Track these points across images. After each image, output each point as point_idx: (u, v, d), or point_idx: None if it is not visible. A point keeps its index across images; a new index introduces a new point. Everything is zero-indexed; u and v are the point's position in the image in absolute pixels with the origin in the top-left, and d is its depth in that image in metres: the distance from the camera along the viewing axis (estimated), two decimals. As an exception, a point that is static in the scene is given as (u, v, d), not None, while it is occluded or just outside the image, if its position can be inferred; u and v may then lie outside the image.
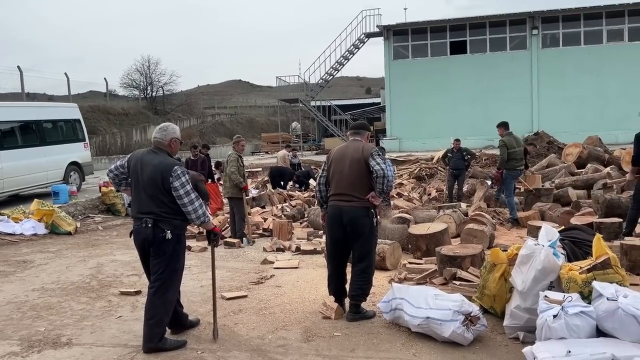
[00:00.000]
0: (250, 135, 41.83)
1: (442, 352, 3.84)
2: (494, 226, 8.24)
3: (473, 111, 25.53)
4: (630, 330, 3.11)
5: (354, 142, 4.79)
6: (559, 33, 25.57)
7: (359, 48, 28.45)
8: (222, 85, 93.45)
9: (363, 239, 4.57)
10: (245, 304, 5.17)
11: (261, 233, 8.86)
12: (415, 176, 17.92)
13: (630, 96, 23.50)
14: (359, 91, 78.17)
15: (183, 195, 3.90)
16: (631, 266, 5.55)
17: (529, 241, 4.01)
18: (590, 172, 11.78)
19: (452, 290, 4.87)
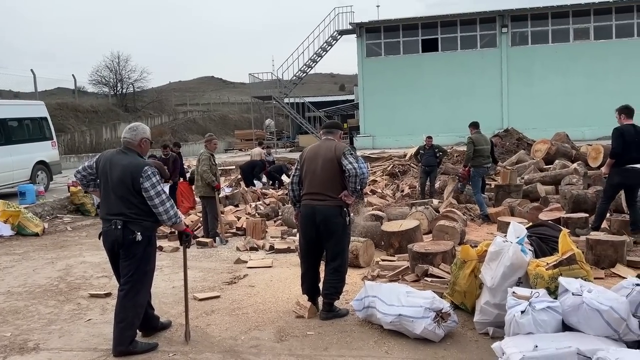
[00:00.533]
0: (224, 133, 41.51)
1: (414, 348, 3.88)
2: (464, 222, 8.37)
3: (445, 108, 25.85)
4: (594, 324, 3.20)
5: (326, 141, 4.80)
6: (527, 31, 26.07)
7: (332, 45, 28.48)
8: (194, 82, 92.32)
9: (336, 238, 4.59)
10: (218, 304, 5.14)
11: (234, 232, 8.80)
12: (388, 173, 18.05)
13: (596, 93, 24.13)
14: (333, 88, 78.25)
15: (154, 196, 3.85)
16: (596, 260, 5.71)
17: (497, 238, 4.08)
18: (558, 168, 12.05)
19: (423, 287, 4.94)
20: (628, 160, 6.63)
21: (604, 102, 22.89)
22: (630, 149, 6.60)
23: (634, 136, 6.61)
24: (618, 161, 6.74)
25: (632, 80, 24.37)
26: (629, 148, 6.60)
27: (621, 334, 3.18)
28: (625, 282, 3.49)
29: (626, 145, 6.60)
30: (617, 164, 6.77)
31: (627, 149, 6.61)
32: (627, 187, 6.94)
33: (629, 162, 6.63)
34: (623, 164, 6.68)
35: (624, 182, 6.83)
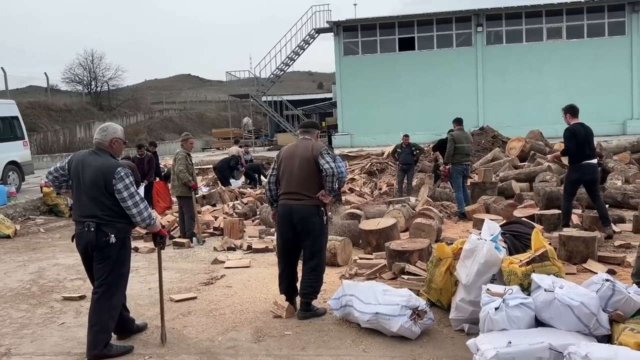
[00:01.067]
0: (201, 131, 41.18)
1: (391, 346, 3.91)
2: (441, 220, 8.46)
3: (422, 107, 26.08)
4: (565, 319, 3.27)
5: (303, 140, 4.80)
6: (502, 30, 26.45)
7: (309, 43, 28.46)
8: (170, 80, 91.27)
9: (313, 237, 4.59)
10: (195, 305, 5.10)
11: (212, 232, 8.73)
12: (366, 171, 18.15)
13: (569, 91, 24.59)
14: (311, 86, 78.21)
15: (127, 198, 3.79)
16: (569, 256, 5.82)
17: (472, 236, 4.14)
18: (533, 166, 12.26)
19: (400, 284, 4.97)
20: (582, 157, 6.91)
21: (576, 100, 23.18)
22: (583, 147, 6.89)
23: (584, 134, 6.91)
24: (574, 159, 7.01)
25: (602, 79, 24.96)
26: (582, 146, 6.89)
27: (591, 328, 3.26)
28: (596, 277, 3.57)
29: (579, 144, 6.88)
30: (573, 162, 7.04)
31: (581, 147, 6.89)
32: (584, 182, 7.17)
33: (583, 159, 6.92)
34: (579, 161, 6.95)
35: (581, 178, 7.09)
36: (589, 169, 6.98)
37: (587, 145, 6.94)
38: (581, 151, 6.91)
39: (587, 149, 6.93)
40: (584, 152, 6.92)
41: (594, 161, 7.06)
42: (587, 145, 6.95)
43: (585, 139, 6.92)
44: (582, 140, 6.90)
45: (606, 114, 24.39)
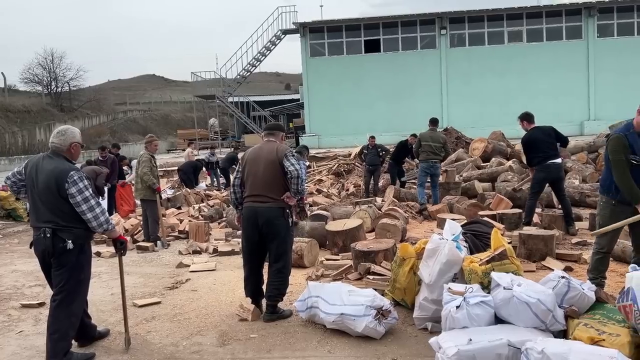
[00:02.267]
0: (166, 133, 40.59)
1: (356, 346, 3.95)
2: (406, 220, 8.57)
3: (388, 108, 26.36)
4: (523, 316, 3.37)
5: (268, 142, 4.79)
6: (465, 33, 26.99)
7: (275, 44, 28.42)
8: (134, 80, 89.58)
9: (279, 240, 4.59)
10: (159, 310, 5.02)
11: (177, 235, 8.62)
12: (333, 172, 18.23)
13: (529, 93, 25.32)
14: (279, 87, 78.04)
15: (81, 202, 3.69)
16: (528, 254, 5.99)
17: (434, 236, 4.22)
18: (495, 166, 12.55)
19: (366, 284, 5.02)
20: (546, 158, 7.16)
21: (536, 101, 24.06)
22: (545, 149, 7.14)
23: (542, 137, 7.18)
24: (538, 160, 7.24)
25: (561, 81, 25.76)
26: (542, 148, 7.15)
27: (548, 324, 3.37)
28: (552, 275, 3.69)
29: (539, 148, 7.16)
30: (538, 163, 7.26)
31: (542, 150, 7.16)
32: (551, 181, 7.43)
33: (547, 159, 7.16)
34: (544, 161, 7.19)
35: (547, 177, 7.34)
36: (554, 168, 7.22)
37: (547, 146, 7.17)
38: (544, 153, 7.15)
39: (549, 149, 7.16)
40: (548, 153, 7.15)
41: (559, 160, 7.29)
42: (549, 145, 7.18)
43: (546, 141, 7.17)
44: (541, 143, 7.16)
45: (565, 115, 25.18)
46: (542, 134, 7.24)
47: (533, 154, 7.32)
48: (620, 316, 3.25)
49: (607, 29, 26.37)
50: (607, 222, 4.37)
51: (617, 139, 4.21)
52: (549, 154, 7.17)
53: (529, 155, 7.45)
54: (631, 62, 25.59)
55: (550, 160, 7.18)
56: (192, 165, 14.80)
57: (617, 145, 4.19)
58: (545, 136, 7.25)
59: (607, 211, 4.39)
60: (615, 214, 4.32)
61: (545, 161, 7.20)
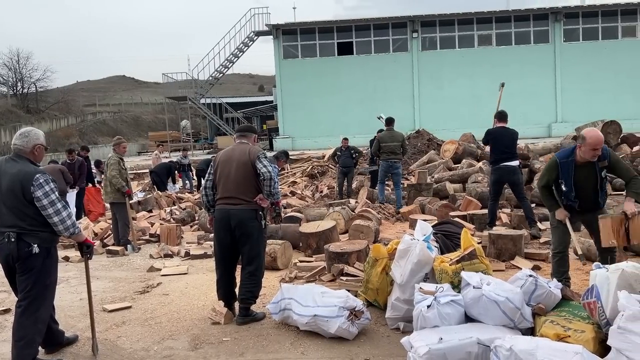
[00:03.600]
0: (137, 134, 39.99)
1: (329, 347, 3.96)
2: (379, 221, 8.63)
3: (361, 110, 26.52)
4: (492, 314, 3.43)
5: (240, 144, 4.77)
6: (436, 37, 27.38)
7: (248, 46, 28.34)
8: (104, 82, 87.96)
9: (251, 242, 4.56)
10: (130, 315, 4.94)
11: (148, 239, 8.49)
12: (307, 174, 18.25)
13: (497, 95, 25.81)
14: (252, 89, 77.73)
15: (47, 206, 3.60)
16: (498, 253, 6.10)
17: (405, 236, 4.26)
18: (465, 167, 12.74)
19: (339, 286, 5.04)
20: (500, 160, 7.29)
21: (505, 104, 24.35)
22: (501, 150, 7.27)
23: (502, 137, 7.29)
24: (493, 161, 7.42)
25: (529, 84, 26.36)
26: (497, 148, 7.29)
27: (516, 322, 3.44)
28: (520, 273, 3.77)
29: (494, 147, 7.32)
30: (492, 164, 7.45)
31: (499, 150, 7.29)
32: (508, 184, 7.53)
33: (501, 161, 7.29)
34: (497, 163, 7.32)
35: (500, 179, 7.45)
36: (506, 171, 7.27)
37: (505, 148, 7.25)
38: (499, 153, 7.27)
39: (504, 151, 7.24)
40: (502, 155, 7.25)
41: (513, 163, 7.29)
42: (506, 147, 7.25)
43: (504, 142, 7.25)
44: (500, 142, 7.26)
45: (533, 117, 25.78)
46: (504, 134, 7.29)
47: (490, 150, 7.48)
48: (585, 313, 3.34)
49: (573, 33, 27.11)
50: (555, 220, 4.59)
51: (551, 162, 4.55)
52: (502, 156, 7.25)
53: (488, 149, 7.61)
54: (596, 65, 26.37)
55: (504, 162, 7.25)
56: (166, 167, 14.61)
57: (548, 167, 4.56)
58: (506, 137, 7.29)
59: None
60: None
61: (497, 163, 7.32)
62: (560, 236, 4.57)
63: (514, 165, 7.29)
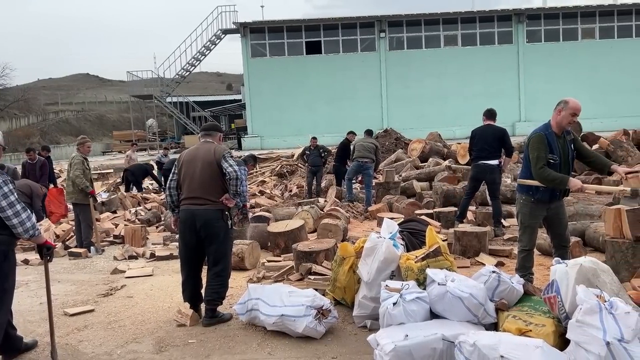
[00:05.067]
0: (101, 134, 39.15)
1: (296, 347, 3.95)
2: (347, 220, 8.67)
3: (330, 109, 26.60)
4: (457, 310, 3.48)
5: (205, 143, 4.71)
6: (403, 37, 27.66)
7: (215, 44, 28.07)
8: (66, 79, 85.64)
9: (218, 242, 4.50)
10: (92, 318, 4.82)
11: (112, 240, 8.30)
12: (276, 173, 18.19)
13: (464, 95, 26.30)
14: (220, 87, 76.95)
15: (6, 207, 3.48)
16: (463, 250, 6.20)
17: (372, 234, 4.29)
18: (432, 166, 12.92)
19: (307, 285, 5.03)
20: (479, 157, 7.41)
21: (471, 103, 25.03)
22: (481, 147, 7.37)
23: (485, 135, 7.38)
24: (473, 158, 7.53)
25: (493, 84, 26.91)
26: (479, 146, 7.39)
27: (480, 317, 3.50)
28: (484, 270, 3.83)
29: (476, 144, 7.42)
30: (473, 160, 7.57)
31: (477, 147, 7.41)
32: (483, 180, 7.64)
33: (479, 159, 7.41)
34: (477, 160, 7.45)
35: (476, 176, 7.56)
36: (483, 168, 7.38)
37: (486, 146, 7.32)
38: (480, 151, 7.37)
39: (485, 149, 7.32)
40: (482, 152, 7.35)
41: (492, 162, 7.33)
42: (487, 145, 7.32)
43: (486, 140, 7.32)
44: (482, 140, 7.34)
45: (498, 116, 26.27)
46: (487, 132, 7.36)
47: (471, 147, 7.59)
48: (546, 307, 3.41)
49: (535, 34, 27.80)
50: (527, 220, 4.58)
51: (538, 137, 4.40)
52: (482, 154, 7.34)
53: (469, 148, 7.71)
54: (557, 66, 27.11)
55: (482, 160, 7.35)
56: (144, 169, 14.43)
57: (538, 142, 4.37)
58: (489, 135, 7.33)
59: (527, 209, 4.55)
60: (534, 212, 4.52)
61: (477, 160, 7.44)
62: (531, 235, 4.61)
63: (493, 164, 7.33)
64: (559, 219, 4.57)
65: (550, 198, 4.45)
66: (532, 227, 4.59)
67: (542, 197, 4.43)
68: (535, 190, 4.45)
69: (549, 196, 4.44)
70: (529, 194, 4.52)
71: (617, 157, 11.38)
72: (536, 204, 4.49)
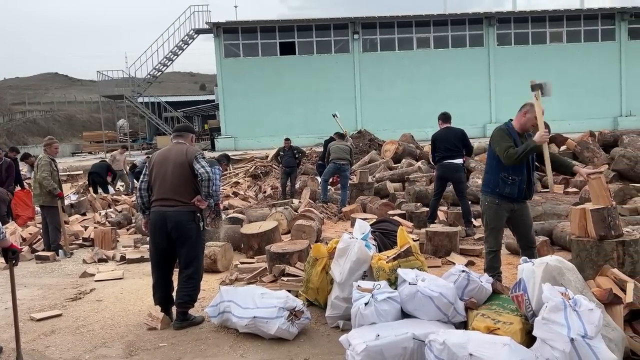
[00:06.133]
0: (70, 134, 38.35)
1: (269, 349, 3.94)
2: (321, 221, 8.68)
3: (304, 110, 26.58)
4: (427, 309, 3.53)
5: (177, 144, 4.67)
6: (377, 39, 27.85)
7: (188, 44, 27.78)
8: (34, 79, 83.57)
9: (189, 245, 4.46)
10: (60, 323, 4.72)
11: (81, 243, 8.13)
12: (250, 175, 18.10)
13: (436, 97, 26.61)
14: (193, 87, 76.18)
15: None
16: (435, 250, 6.29)
17: (345, 235, 4.31)
18: (405, 167, 13.05)
19: (280, 286, 5.03)
20: (444, 157, 7.56)
21: (443, 105, 25.16)
22: (445, 148, 7.52)
23: (447, 137, 7.55)
24: (437, 159, 7.67)
25: (465, 86, 27.31)
26: (443, 147, 7.54)
27: (450, 316, 3.55)
28: (454, 269, 3.89)
29: (440, 147, 7.57)
30: (437, 161, 7.70)
31: (442, 149, 7.55)
32: (449, 180, 7.78)
33: (443, 159, 7.56)
34: (441, 161, 7.60)
35: (443, 175, 7.70)
36: (448, 167, 7.52)
37: (449, 146, 7.50)
38: (444, 151, 7.53)
39: (449, 150, 7.50)
40: (446, 153, 7.51)
41: (456, 161, 7.51)
42: (450, 146, 7.50)
43: (449, 141, 7.51)
44: (445, 142, 7.51)
45: (469, 118, 26.68)
46: (448, 134, 7.54)
47: (435, 151, 7.73)
48: (514, 306, 3.49)
49: (505, 37, 28.33)
50: (492, 222, 4.66)
51: (500, 130, 4.56)
52: (447, 154, 7.49)
53: (432, 152, 7.86)
54: (526, 68, 27.65)
55: (447, 160, 7.50)
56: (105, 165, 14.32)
57: (500, 135, 4.51)
58: (450, 136, 7.53)
59: (492, 211, 4.63)
60: (499, 212, 4.60)
61: (442, 160, 7.57)
62: (497, 236, 4.70)
63: (457, 162, 7.53)
64: (522, 221, 4.66)
65: (517, 194, 4.51)
66: (497, 229, 4.67)
67: (510, 191, 4.49)
68: (500, 191, 4.52)
69: (517, 191, 4.49)
70: (493, 195, 4.57)
71: (583, 158, 11.67)
72: (500, 205, 4.56)
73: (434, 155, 7.85)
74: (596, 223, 4.36)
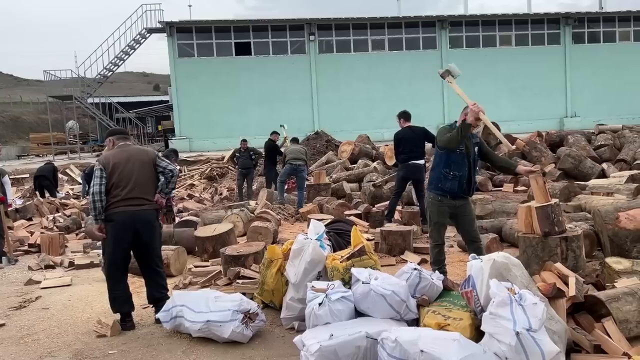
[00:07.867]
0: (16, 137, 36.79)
1: (223, 352, 3.89)
2: (278, 222, 8.65)
3: (260, 111, 26.39)
4: (380, 308, 3.57)
5: (130, 146, 4.73)
6: (332, 40, 28.00)
7: (140, 43, 27.12)
8: (-24, 78, 79.51)
9: (155, 241, 4.59)
10: (3, 333, 4.51)
11: (26, 249, 7.80)
12: (206, 176, 17.87)
13: (392, 98, 26.96)
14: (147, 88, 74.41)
15: None
16: (389, 249, 6.37)
17: (299, 236, 4.31)
18: (361, 167, 13.19)
19: (235, 289, 4.97)
20: (408, 158, 7.67)
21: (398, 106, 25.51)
22: (409, 148, 7.64)
23: (410, 136, 7.67)
24: (402, 160, 7.77)
25: (419, 88, 27.80)
26: (407, 147, 7.65)
27: (402, 314, 3.60)
28: (406, 267, 3.95)
29: (404, 147, 7.65)
30: (401, 162, 7.79)
31: (406, 149, 7.65)
32: (411, 180, 7.92)
33: (409, 159, 7.67)
34: (406, 161, 7.70)
35: (406, 175, 7.85)
36: (412, 168, 7.66)
37: (413, 147, 7.62)
38: (408, 152, 7.63)
39: (413, 150, 7.62)
40: (410, 154, 7.63)
41: (419, 161, 7.70)
42: (414, 146, 7.62)
43: (412, 141, 7.63)
44: (409, 142, 7.63)
45: (423, 119, 26.93)
46: (411, 134, 7.66)
47: (398, 151, 7.83)
48: (463, 302, 3.57)
49: (457, 40, 29.03)
50: (435, 218, 4.86)
51: (444, 127, 4.80)
52: (411, 155, 7.63)
53: (395, 152, 7.95)
54: (478, 71, 28.44)
55: (412, 160, 7.63)
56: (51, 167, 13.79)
57: (444, 128, 4.75)
58: (413, 136, 7.64)
59: (435, 207, 4.83)
60: (441, 209, 4.79)
61: (406, 161, 7.70)
62: (440, 231, 4.89)
63: (420, 163, 7.69)
64: (464, 216, 4.84)
65: (458, 189, 4.67)
66: (440, 224, 4.86)
67: (451, 186, 4.66)
68: (444, 181, 4.68)
69: (458, 186, 4.66)
70: (436, 192, 4.77)
71: (532, 157, 12.10)
72: (442, 202, 4.75)
73: (397, 155, 7.93)
74: (541, 220, 4.53)
